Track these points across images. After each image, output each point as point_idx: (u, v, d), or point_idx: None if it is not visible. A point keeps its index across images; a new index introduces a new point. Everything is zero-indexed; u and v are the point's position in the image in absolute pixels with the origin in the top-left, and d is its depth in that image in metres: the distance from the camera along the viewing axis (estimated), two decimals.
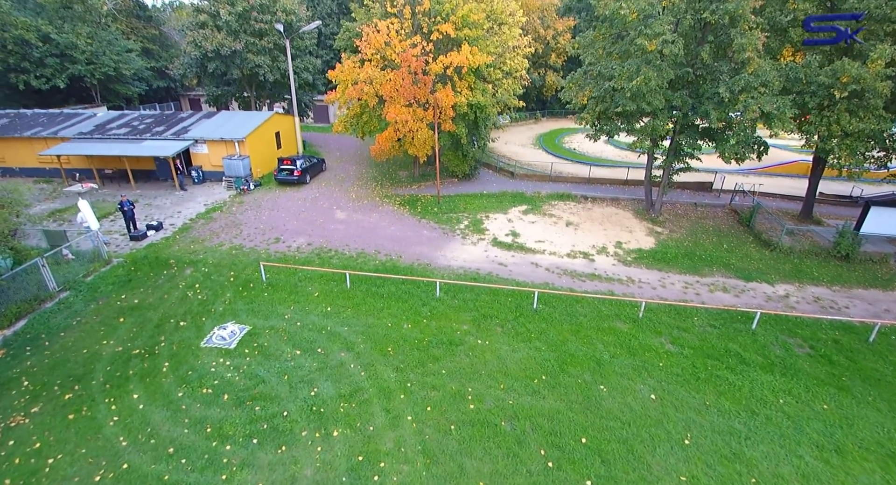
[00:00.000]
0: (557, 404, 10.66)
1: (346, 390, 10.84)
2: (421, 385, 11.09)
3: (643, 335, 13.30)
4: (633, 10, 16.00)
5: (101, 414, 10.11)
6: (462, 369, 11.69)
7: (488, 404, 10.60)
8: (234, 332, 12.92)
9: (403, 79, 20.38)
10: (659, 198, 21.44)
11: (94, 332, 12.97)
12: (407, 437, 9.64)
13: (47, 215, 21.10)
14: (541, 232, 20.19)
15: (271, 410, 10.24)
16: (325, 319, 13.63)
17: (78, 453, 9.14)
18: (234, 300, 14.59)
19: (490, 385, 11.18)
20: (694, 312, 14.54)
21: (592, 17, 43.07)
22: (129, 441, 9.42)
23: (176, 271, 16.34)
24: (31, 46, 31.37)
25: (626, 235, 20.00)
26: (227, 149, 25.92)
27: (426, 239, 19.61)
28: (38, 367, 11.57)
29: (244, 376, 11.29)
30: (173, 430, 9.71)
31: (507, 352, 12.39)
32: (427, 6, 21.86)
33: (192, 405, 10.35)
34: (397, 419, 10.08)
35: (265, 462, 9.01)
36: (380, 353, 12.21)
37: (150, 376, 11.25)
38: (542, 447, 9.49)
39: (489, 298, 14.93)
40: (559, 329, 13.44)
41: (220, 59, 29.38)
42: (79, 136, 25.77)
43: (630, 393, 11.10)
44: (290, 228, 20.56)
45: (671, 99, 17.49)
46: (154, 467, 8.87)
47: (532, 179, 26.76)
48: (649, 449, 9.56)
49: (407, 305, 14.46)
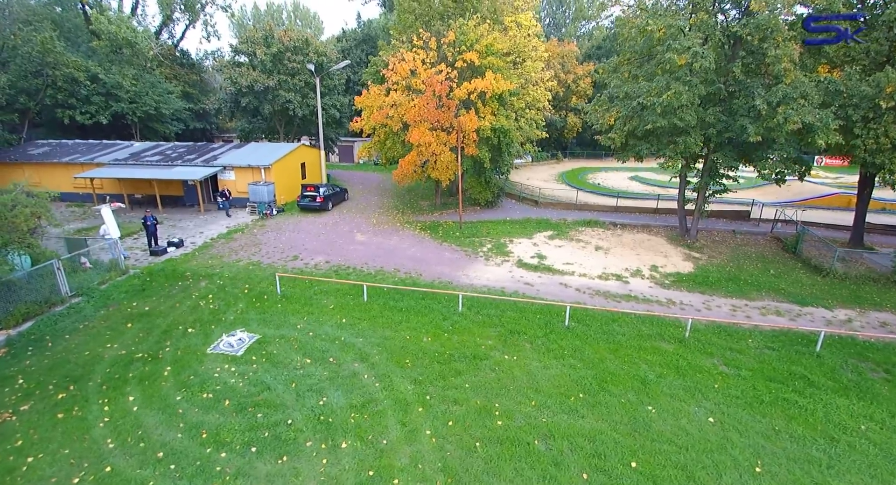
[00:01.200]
0: (599, 424, 9.27)
1: (358, 401, 9.73)
2: (441, 399, 9.89)
3: (692, 356, 11.87)
4: (661, 25, 15.94)
5: (93, 415, 9.21)
6: (487, 383, 10.46)
7: (518, 421, 9.29)
8: (243, 339, 12.09)
9: (428, 103, 20.57)
10: (695, 223, 20.35)
11: (99, 336, 12.34)
12: (425, 453, 8.38)
13: (74, 232, 21.29)
14: (568, 255, 19.19)
15: (274, 417, 9.18)
16: (338, 330, 12.71)
17: (60, 454, 8.19)
18: (246, 310, 13.87)
19: (520, 401, 9.89)
20: (747, 334, 13.08)
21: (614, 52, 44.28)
22: (116, 444, 8.44)
23: (191, 283, 15.86)
24: (80, 84, 33.49)
25: (662, 260, 18.80)
26: (253, 175, 26.33)
27: (447, 260, 18.82)
28: (36, 366, 10.88)
29: (249, 382, 10.33)
30: (166, 434, 8.70)
31: (537, 368, 11.13)
32: (452, 38, 22.53)
33: (189, 410, 9.38)
34: (414, 433, 8.86)
35: (263, 473, 7.86)
36: (396, 364, 11.13)
37: (149, 379, 10.40)
38: (585, 471, 8.07)
39: (516, 314, 13.82)
40: (595, 347, 12.14)
41: (253, 94, 30.75)
42: (114, 162, 26.68)
43: (684, 415, 9.62)
44: (309, 247, 20.14)
45: (703, 116, 16.98)
46: (139, 471, 7.82)
47: (557, 208, 26.09)
48: (713, 477, 8.02)
49: (427, 319, 13.46)
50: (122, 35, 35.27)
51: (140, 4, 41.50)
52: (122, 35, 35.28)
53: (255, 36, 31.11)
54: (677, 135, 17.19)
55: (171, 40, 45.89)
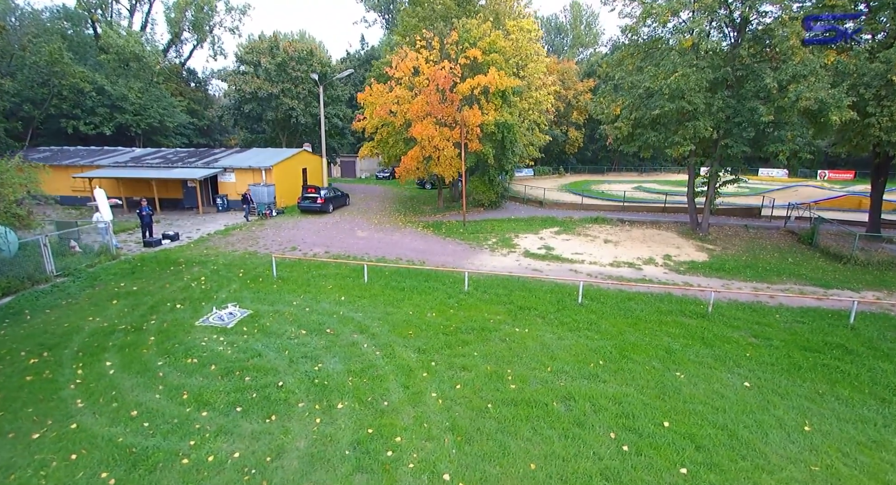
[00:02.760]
0: (623, 388, 8.38)
1: (357, 367, 8.86)
2: (448, 365, 9.02)
3: (717, 328, 11.03)
4: (667, 9, 15.90)
5: (64, 378, 8.36)
6: (498, 352, 9.60)
7: (533, 385, 8.40)
8: (234, 313, 11.29)
9: (431, 96, 20.44)
10: (706, 214, 19.76)
11: (81, 311, 11.55)
12: (430, 413, 7.49)
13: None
14: (577, 247, 18.52)
15: (264, 380, 8.31)
16: (337, 306, 11.92)
17: (23, 412, 7.32)
18: (239, 290, 13.12)
19: (534, 368, 9.02)
20: (773, 310, 12.28)
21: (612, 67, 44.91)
22: (86, 404, 7.57)
23: (183, 268, 15.16)
24: (85, 95, 33.78)
25: (674, 250, 18.10)
26: (253, 177, 26.01)
27: (451, 251, 18.15)
28: (10, 336, 10.07)
29: (238, 350, 9.49)
30: (142, 395, 7.83)
31: (551, 339, 10.28)
32: (455, 37, 22.70)
33: (170, 373, 8.52)
34: (418, 396, 7.97)
35: (248, 431, 6.96)
36: (398, 335, 10.29)
37: (130, 347, 9.57)
38: (612, 430, 7.15)
39: (525, 293, 13.03)
40: (612, 321, 11.31)
41: (256, 100, 30.93)
42: (114, 164, 26.45)
43: (716, 380, 8.73)
44: (308, 241, 19.52)
45: (711, 101, 16.70)
46: (109, 428, 6.93)
47: (562, 208, 25.58)
48: (758, 436, 7.10)
49: (431, 297, 12.68)
50: (130, 49, 35.93)
51: (150, 23, 42.56)
52: (131, 49, 35.94)
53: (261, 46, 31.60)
54: (686, 120, 16.86)
55: (178, 59, 46.89)
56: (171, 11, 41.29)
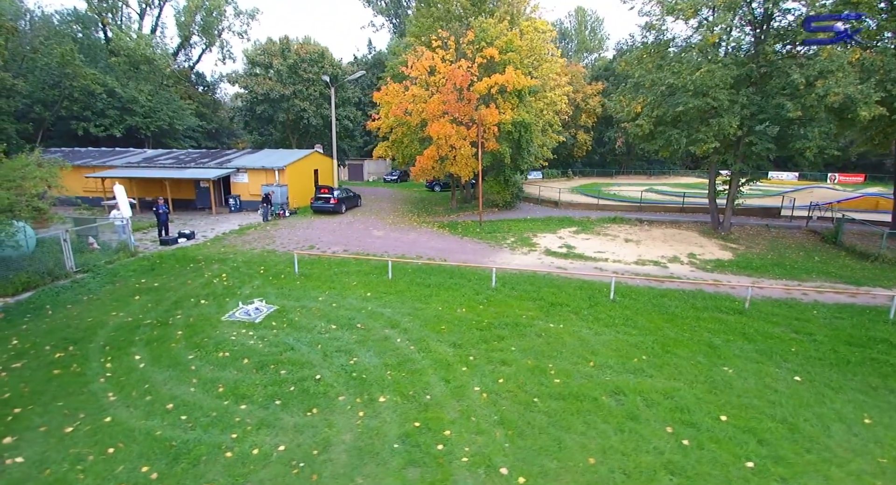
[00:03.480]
0: (672, 383, 8.08)
1: (393, 361, 8.59)
2: (486, 360, 8.74)
3: (756, 324, 10.73)
4: (691, 5, 15.77)
5: (92, 371, 8.10)
6: (535, 347, 9.32)
7: (578, 379, 8.11)
8: (260, 309, 11.04)
9: (449, 94, 20.30)
10: (728, 214, 19.50)
11: (103, 306, 11.31)
12: (476, 407, 7.20)
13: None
14: (598, 246, 18.25)
15: (300, 374, 8.05)
16: (364, 302, 11.66)
17: (53, 406, 7.06)
18: (262, 286, 12.87)
19: (576, 363, 8.73)
20: (810, 307, 11.99)
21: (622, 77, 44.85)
22: (118, 397, 7.31)
23: (203, 265, 14.92)
24: (96, 97, 33.82)
25: (698, 249, 17.82)
26: (266, 178, 25.85)
27: (471, 250, 17.90)
28: (32, 330, 9.84)
29: (269, 343, 9.23)
30: (176, 388, 7.57)
31: (588, 334, 10.00)
32: (472, 37, 22.61)
33: (203, 367, 8.26)
34: (461, 389, 7.69)
35: (290, 424, 6.69)
36: (431, 330, 10.02)
37: (158, 341, 9.32)
38: (668, 424, 6.87)
39: (554, 290, 12.76)
40: (648, 317, 11.03)
41: (268, 102, 30.87)
42: (126, 165, 26.33)
43: (766, 375, 8.44)
44: (325, 240, 19.29)
45: (735, 98, 16.51)
46: (145, 422, 6.66)
47: (578, 208, 25.35)
48: (820, 428, 6.83)
49: (458, 294, 12.42)
50: (140, 51, 36.01)
51: (159, 26, 42.72)
52: (141, 51, 36.03)
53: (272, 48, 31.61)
54: (710, 117, 16.66)
55: (187, 63, 47.04)
56: (181, 15, 41.44)
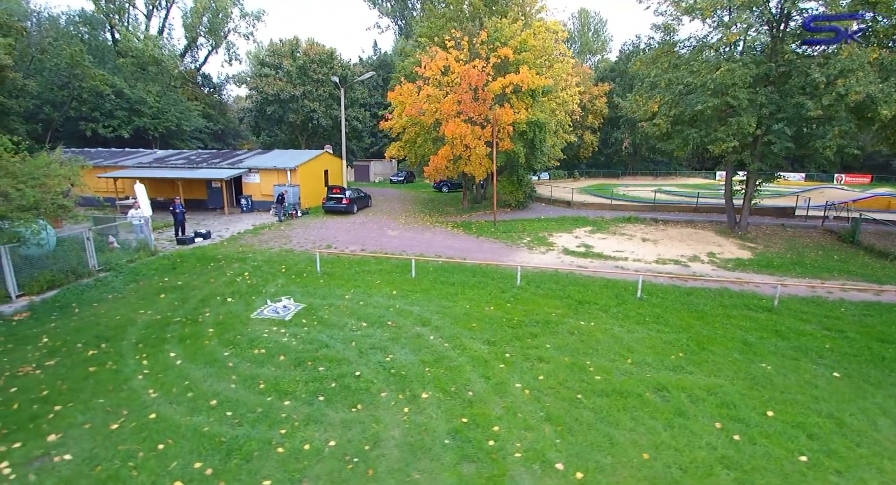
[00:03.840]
0: (713, 379, 8.04)
1: (429, 358, 8.53)
2: (523, 357, 8.69)
3: (788, 321, 10.72)
4: (709, 4, 15.78)
5: (129, 369, 8.03)
6: (570, 345, 9.27)
7: (618, 376, 8.06)
8: (288, 306, 10.99)
9: (464, 93, 20.30)
10: (744, 214, 19.47)
11: (129, 304, 11.25)
12: (521, 404, 7.15)
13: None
14: (616, 245, 18.21)
15: (339, 370, 7.99)
16: (391, 300, 11.60)
17: (93, 403, 6.98)
18: (286, 285, 12.81)
19: (613, 360, 8.68)
20: (837, 304, 11.98)
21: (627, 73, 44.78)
22: (159, 394, 7.24)
23: (224, 264, 14.86)
24: (105, 98, 33.81)
25: (716, 248, 17.78)
26: (278, 178, 25.81)
27: (488, 249, 17.86)
28: (61, 328, 9.77)
29: (303, 341, 9.17)
30: (216, 385, 7.51)
31: (621, 332, 9.95)
32: (485, 36, 22.62)
33: (240, 364, 8.20)
34: (502, 386, 7.64)
35: (336, 420, 6.63)
36: (462, 327, 9.97)
37: (190, 338, 9.25)
38: (716, 420, 6.82)
39: (579, 288, 12.71)
40: (678, 315, 10.99)
41: (279, 102, 30.86)
42: (138, 165, 26.29)
43: (804, 371, 8.41)
44: (341, 239, 19.25)
45: (754, 97, 16.51)
46: (190, 418, 6.59)
47: (591, 208, 25.32)
48: (867, 423, 6.84)
49: (484, 292, 12.37)
50: (149, 52, 36.02)
51: (166, 27, 42.75)
52: (150, 52, 36.04)
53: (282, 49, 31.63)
54: (729, 116, 16.66)
55: (193, 64, 47.06)
56: (188, 17, 41.49)
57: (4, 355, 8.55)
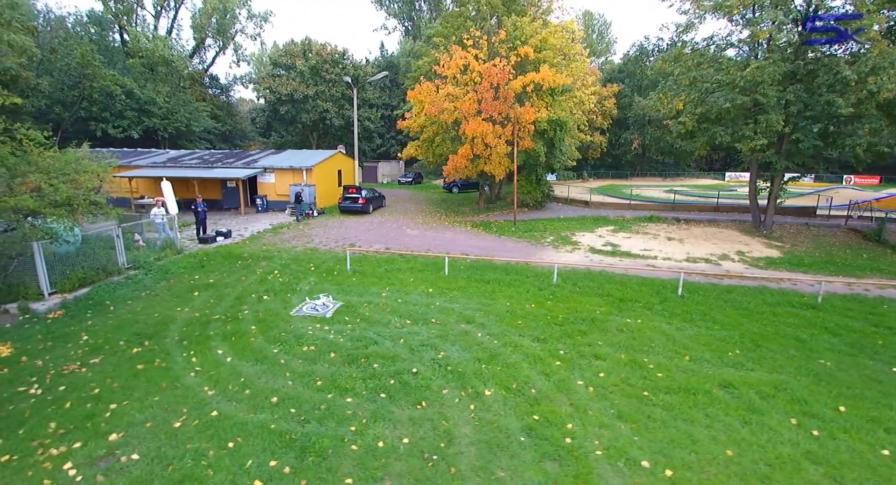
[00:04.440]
0: (776, 376, 7.87)
1: (482, 355, 8.34)
2: (578, 354, 8.50)
3: (835, 318, 10.56)
4: (738, 2, 15.71)
5: (179, 366, 7.83)
6: (622, 342, 9.08)
7: (679, 373, 7.89)
8: (327, 304, 10.80)
9: (486, 92, 20.18)
10: (770, 213, 19.35)
11: (164, 302, 11.05)
12: (587, 401, 6.96)
13: None
14: (642, 244, 18.06)
15: (394, 368, 7.79)
16: (429, 298, 11.41)
17: (149, 400, 6.78)
18: (319, 283, 12.61)
19: (670, 357, 8.50)
20: (879, 302, 11.85)
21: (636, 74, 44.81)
22: (216, 391, 7.04)
23: (251, 262, 14.66)
24: (115, 98, 33.60)
25: (744, 247, 17.64)
26: (293, 177, 25.63)
27: (513, 248, 17.68)
28: (99, 326, 9.57)
29: (350, 338, 8.97)
30: (272, 382, 7.31)
31: (671, 330, 9.78)
32: (504, 35, 22.54)
33: (292, 361, 8.00)
34: (564, 383, 7.45)
35: (404, 417, 6.44)
36: (508, 325, 9.78)
37: (234, 336, 9.05)
38: (790, 416, 6.66)
39: (617, 286, 12.54)
40: (724, 312, 10.82)
41: (292, 102, 30.70)
42: (152, 165, 26.08)
43: (864, 367, 8.26)
44: (363, 238, 19.06)
45: (782, 95, 16.42)
46: (254, 415, 6.39)
47: (609, 208, 25.19)
48: None
49: (521, 290, 12.19)
50: (159, 53, 35.86)
51: (175, 27, 42.62)
52: (160, 53, 35.87)
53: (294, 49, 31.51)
54: (756, 114, 16.56)
55: (201, 65, 46.89)
56: (197, 17, 41.36)
57: (45, 353, 8.35)
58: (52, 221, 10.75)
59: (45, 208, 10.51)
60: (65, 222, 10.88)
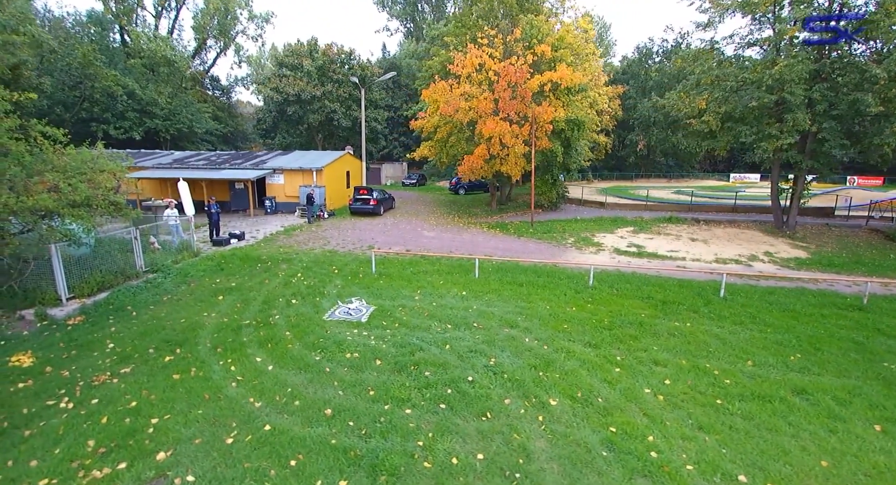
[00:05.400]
0: (846, 380, 7.52)
1: (536, 362, 7.91)
2: (636, 360, 8.10)
3: (885, 320, 10.25)
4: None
5: (217, 375, 7.33)
6: (677, 347, 8.69)
7: (746, 379, 7.51)
8: (361, 308, 10.33)
9: (503, 91, 19.83)
10: (793, 213, 19.11)
11: (188, 306, 10.54)
12: (661, 411, 6.56)
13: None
14: (666, 245, 17.74)
15: (447, 376, 7.33)
16: (465, 302, 10.98)
17: (193, 414, 6.28)
18: (346, 286, 12.14)
19: (733, 362, 8.13)
20: None
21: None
22: (263, 402, 6.55)
23: (271, 265, 14.16)
24: (116, 99, 32.96)
25: (770, 248, 17.36)
26: (303, 179, 25.12)
27: (535, 250, 17.29)
28: (124, 333, 9.05)
29: (393, 344, 8.51)
30: (322, 391, 6.84)
31: (724, 333, 9.40)
32: (519, 34, 22.23)
33: (337, 369, 7.53)
34: (631, 391, 7.04)
35: (470, 429, 6.00)
36: (554, 329, 9.37)
37: (270, 342, 8.57)
38: (873, 422, 6.31)
39: (655, 288, 12.18)
40: (772, 315, 10.47)
41: (299, 103, 30.22)
42: (157, 166, 25.48)
43: None
44: (380, 240, 18.59)
45: (809, 94, 16.19)
46: (310, 429, 5.92)
47: (625, 208, 24.90)
48: None
49: (558, 292, 11.79)
50: (161, 53, 35.26)
51: (176, 28, 42.00)
52: (162, 53, 35.28)
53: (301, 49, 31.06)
54: (785, 112, 16.32)
55: (202, 66, 46.26)
56: (199, 18, 40.78)
57: (71, 363, 7.83)
58: (70, 223, 10.21)
59: (63, 209, 9.98)
60: (83, 224, 10.33)
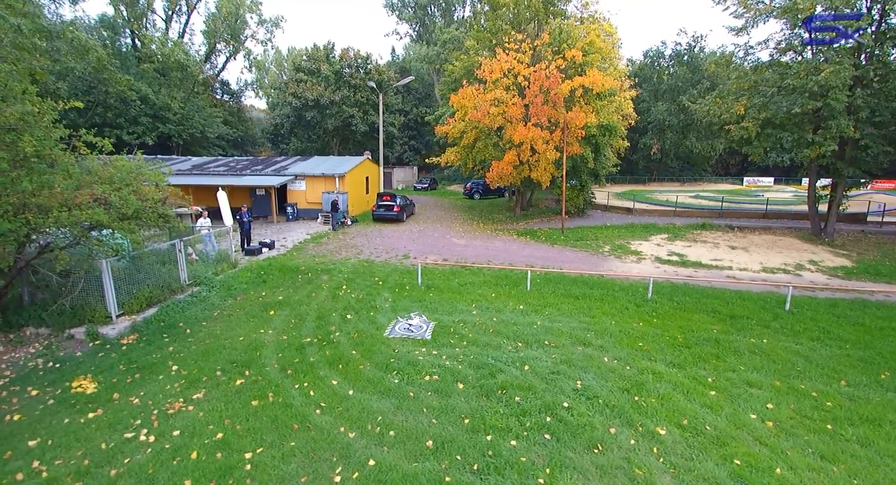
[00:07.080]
0: None
1: (627, 385, 7.53)
2: (728, 382, 7.74)
3: None
4: (811, 4, 15.22)
5: (297, 401, 6.94)
6: (764, 366, 8.34)
7: (846, 400, 7.17)
8: (422, 325, 9.96)
9: (535, 96, 19.53)
10: (832, 220, 18.83)
11: (242, 322, 10.15)
12: (775, 439, 6.21)
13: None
14: (707, 253, 17.40)
15: (538, 402, 6.96)
16: (525, 317, 10.61)
17: (287, 447, 5.89)
18: (396, 299, 11.75)
19: (826, 383, 7.79)
20: None
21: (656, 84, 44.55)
22: (357, 433, 6.17)
23: (311, 276, 13.78)
24: (129, 104, 32.58)
25: (813, 256, 17.05)
26: (325, 185, 24.76)
27: (574, 259, 16.93)
28: (184, 353, 8.65)
29: (469, 365, 8.13)
30: (413, 419, 6.47)
31: (805, 350, 9.06)
32: (547, 39, 21.95)
33: (420, 394, 7.15)
34: (738, 417, 6.69)
35: (586, 464, 5.62)
36: (631, 348, 9.01)
37: (340, 362, 8.18)
38: None
39: (715, 301, 11.83)
40: (843, 329, 10.14)
41: (318, 108, 29.88)
42: (177, 172, 25.06)
43: None
44: (413, 249, 18.21)
45: (850, 100, 15.93)
46: (418, 465, 5.54)
47: (654, 215, 24.60)
48: None
49: (619, 306, 11.43)
50: (174, 57, 34.91)
51: (187, 32, 41.65)
52: (175, 57, 34.92)
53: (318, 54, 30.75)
54: (826, 119, 16.05)
55: (212, 71, 45.90)
56: (210, 22, 40.45)
57: (138, 388, 7.43)
58: (120, 236, 9.84)
59: (113, 222, 9.61)
60: (132, 237, 9.95)
